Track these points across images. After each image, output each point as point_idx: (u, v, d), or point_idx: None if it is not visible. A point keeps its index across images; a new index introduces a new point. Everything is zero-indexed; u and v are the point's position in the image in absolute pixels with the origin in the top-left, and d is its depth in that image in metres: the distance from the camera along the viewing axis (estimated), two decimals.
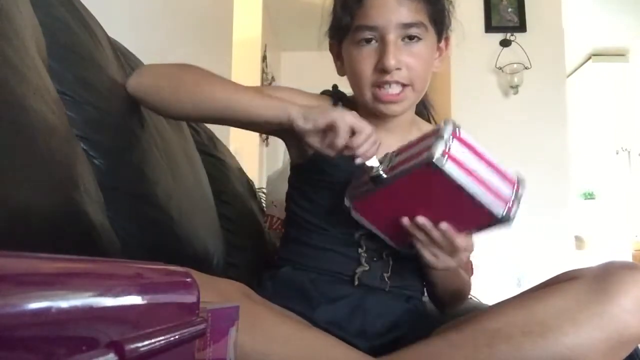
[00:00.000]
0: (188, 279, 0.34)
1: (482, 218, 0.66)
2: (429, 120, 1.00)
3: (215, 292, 0.60)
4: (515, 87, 2.84)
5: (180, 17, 1.82)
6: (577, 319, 0.59)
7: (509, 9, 2.92)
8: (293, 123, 0.70)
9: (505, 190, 0.65)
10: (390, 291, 0.82)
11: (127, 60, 0.99)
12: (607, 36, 4.45)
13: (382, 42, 0.79)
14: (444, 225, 0.68)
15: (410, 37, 0.79)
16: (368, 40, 0.80)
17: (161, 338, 0.27)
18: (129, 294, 0.27)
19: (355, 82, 0.84)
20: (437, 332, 0.71)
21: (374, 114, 0.88)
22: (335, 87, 0.95)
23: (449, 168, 0.62)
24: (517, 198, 0.65)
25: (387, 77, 0.79)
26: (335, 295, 0.80)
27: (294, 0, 3.85)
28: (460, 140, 0.64)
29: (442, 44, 0.88)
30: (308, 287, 0.81)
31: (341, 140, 0.68)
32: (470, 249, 0.72)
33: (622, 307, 0.58)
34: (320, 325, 0.74)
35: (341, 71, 0.91)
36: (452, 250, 0.70)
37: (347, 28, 0.82)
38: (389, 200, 0.72)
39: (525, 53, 2.83)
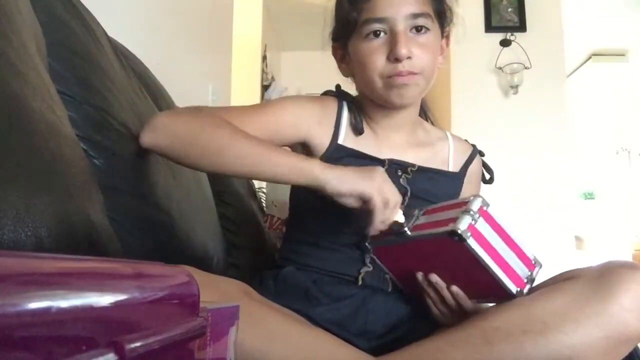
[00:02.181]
0: (188, 279, 0.34)
1: (494, 291, 0.68)
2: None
3: (216, 290, 0.60)
4: (515, 87, 2.84)
5: (180, 17, 1.82)
6: (576, 317, 0.59)
7: (509, 9, 2.92)
8: (325, 186, 0.72)
9: (521, 270, 0.68)
10: (393, 292, 0.82)
11: (127, 60, 0.99)
12: (607, 36, 4.45)
13: (392, 33, 0.79)
14: (455, 288, 0.71)
15: (418, 29, 0.80)
16: (377, 34, 0.80)
17: (161, 338, 0.27)
18: (129, 293, 0.27)
19: (365, 75, 0.83)
20: (437, 332, 0.71)
21: (382, 111, 0.88)
22: (338, 87, 0.95)
23: (472, 242, 0.65)
24: (531, 278, 0.68)
25: (399, 67, 0.79)
26: (338, 295, 0.80)
27: (294, 0, 3.85)
28: (486, 216, 0.67)
29: (444, 42, 0.89)
30: (311, 288, 0.81)
31: (378, 220, 0.71)
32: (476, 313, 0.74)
33: (621, 305, 0.58)
34: (322, 325, 0.74)
35: (346, 72, 0.91)
36: (460, 312, 0.72)
37: (354, 23, 0.82)
38: (408, 254, 0.75)
39: (525, 53, 2.83)
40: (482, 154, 0.99)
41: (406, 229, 0.72)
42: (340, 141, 0.88)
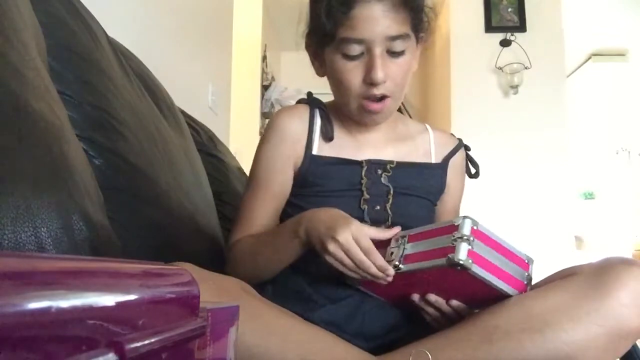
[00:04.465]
0: (188, 279, 0.34)
1: (494, 297, 0.68)
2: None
3: (215, 287, 0.60)
4: (515, 87, 2.84)
5: (180, 17, 1.82)
6: (575, 314, 0.59)
7: (509, 9, 2.92)
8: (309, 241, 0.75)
9: (519, 274, 0.68)
10: None
11: (127, 60, 0.99)
12: (607, 36, 4.45)
13: (369, 54, 0.78)
14: (455, 302, 0.72)
15: (395, 52, 0.79)
16: (355, 56, 0.79)
17: (161, 338, 0.27)
18: (129, 293, 0.27)
19: (341, 93, 0.84)
20: (437, 331, 0.71)
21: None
22: (310, 94, 0.95)
23: (475, 268, 0.64)
24: (529, 277, 0.69)
25: (374, 90, 0.79)
26: (335, 296, 0.80)
27: (294, 0, 3.85)
28: (479, 235, 0.66)
29: (419, 46, 0.88)
30: (307, 290, 0.81)
31: (349, 271, 0.71)
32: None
33: (619, 301, 0.58)
34: (320, 327, 0.74)
35: (320, 72, 0.90)
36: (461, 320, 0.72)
37: (331, 37, 0.80)
38: (399, 282, 0.73)
39: (525, 53, 2.83)
40: (467, 148, 0.98)
41: (397, 262, 0.70)
42: (314, 152, 0.88)
